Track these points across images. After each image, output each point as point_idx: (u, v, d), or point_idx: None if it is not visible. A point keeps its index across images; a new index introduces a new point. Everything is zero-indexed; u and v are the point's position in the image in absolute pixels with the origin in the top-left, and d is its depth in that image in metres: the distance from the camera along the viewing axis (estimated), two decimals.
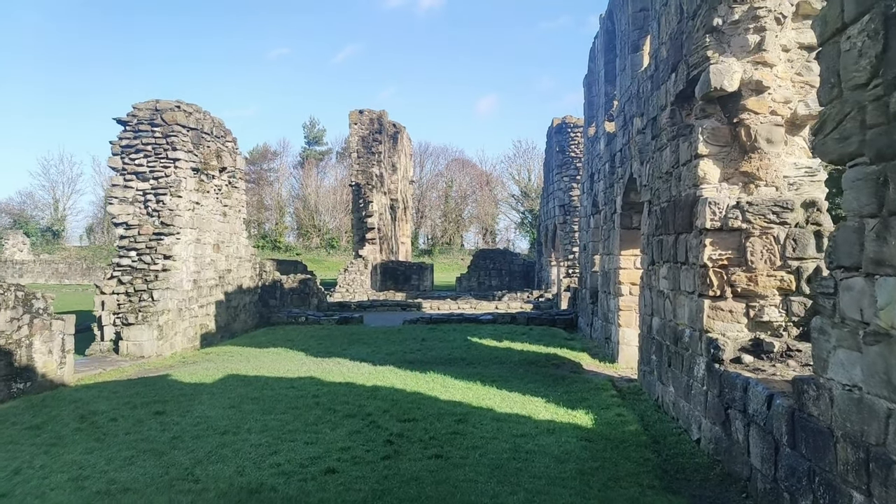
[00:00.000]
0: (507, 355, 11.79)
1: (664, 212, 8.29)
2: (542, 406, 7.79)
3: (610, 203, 12.61)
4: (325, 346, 13.37)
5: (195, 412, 7.38)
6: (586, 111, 16.54)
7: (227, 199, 16.36)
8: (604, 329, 13.03)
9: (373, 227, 35.41)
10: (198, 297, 14.52)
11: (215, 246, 15.63)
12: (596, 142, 14.74)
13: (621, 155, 11.53)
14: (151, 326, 12.52)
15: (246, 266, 17.54)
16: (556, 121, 25.37)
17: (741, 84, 6.50)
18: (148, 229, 13.38)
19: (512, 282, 35.73)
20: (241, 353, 12.63)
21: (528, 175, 69.08)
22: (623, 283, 11.52)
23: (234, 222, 16.79)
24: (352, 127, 37.02)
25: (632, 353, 11.41)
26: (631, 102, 10.51)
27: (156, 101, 14.15)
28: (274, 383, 9.16)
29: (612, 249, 12.33)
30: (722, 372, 6.07)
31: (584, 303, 16.21)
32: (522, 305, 23.88)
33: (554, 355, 11.85)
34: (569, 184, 24.38)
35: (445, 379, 9.36)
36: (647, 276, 9.17)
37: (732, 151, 6.77)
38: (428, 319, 17.91)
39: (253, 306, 17.93)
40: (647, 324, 9.20)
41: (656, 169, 8.81)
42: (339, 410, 7.49)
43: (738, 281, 6.41)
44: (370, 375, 9.74)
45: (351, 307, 23.61)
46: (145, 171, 13.69)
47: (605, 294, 12.94)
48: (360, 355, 12.08)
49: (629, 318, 11.45)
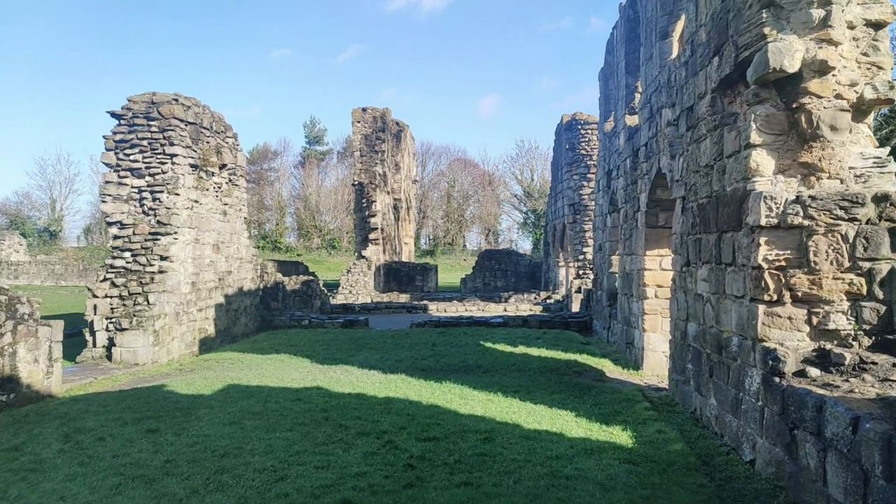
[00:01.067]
0: (525, 362, 11.10)
1: (703, 209, 7.61)
2: (573, 421, 7.10)
3: (632, 201, 11.92)
4: (331, 353, 12.68)
5: (192, 430, 6.69)
6: (602, 106, 15.86)
7: (227, 198, 15.67)
8: (625, 334, 12.34)
9: (376, 227, 34.73)
10: (196, 300, 13.83)
11: (215, 246, 14.94)
12: (614, 137, 14.05)
13: (646, 150, 10.85)
14: (147, 332, 11.83)
15: (247, 267, 16.85)
16: (566, 117, 24.66)
17: (802, 64, 5.81)
18: (143, 229, 12.69)
19: (518, 283, 35.04)
20: (242, 360, 11.95)
21: (530, 175, 68.49)
22: (648, 285, 10.84)
23: (235, 222, 16.11)
24: (355, 125, 36.34)
25: (658, 359, 10.73)
26: (659, 93, 9.83)
27: (152, 93, 13.46)
28: (278, 395, 8.48)
29: (634, 249, 11.64)
30: (785, 387, 5.38)
31: (601, 305, 15.53)
32: (531, 307, 23.19)
33: (574, 362, 11.16)
34: (579, 182, 23.69)
35: (463, 389, 8.67)
36: (681, 279, 8.49)
37: (789, 140, 6.08)
38: (436, 323, 17.22)
39: (254, 309, 17.24)
40: (680, 329, 8.51)
41: (692, 162, 8.13)
42: (352, 427, 6.80)
43: (798, 284, 5.72)
44: (382, 385, 9.06)
45: (355, 309, 22.93)
46: (141, 167, 13.00)
47: (626, 297, 12.25)
48: (369, 362, 11.40)
49: (654, 322, 10.77)
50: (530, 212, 65.42)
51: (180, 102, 13.50)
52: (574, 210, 24.01)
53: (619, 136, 13.43)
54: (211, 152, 14.61)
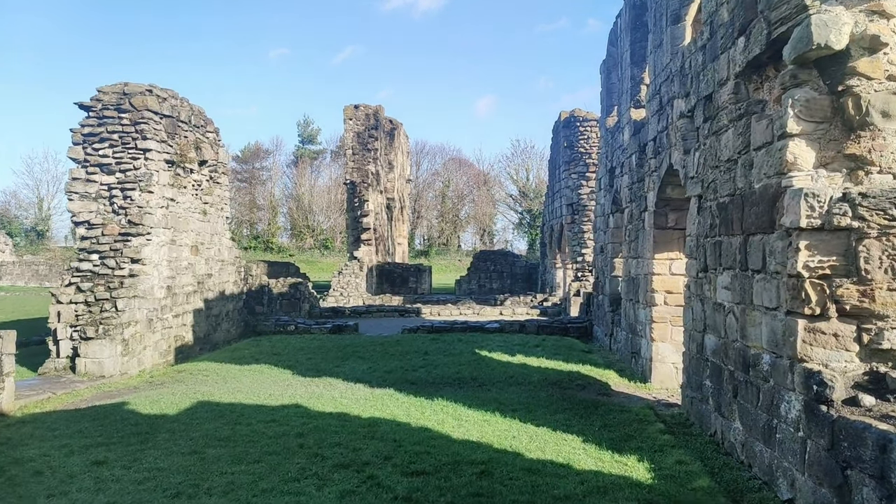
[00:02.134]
0: (524, 374, 10.28)
1: (724, 208, 6.80)
2: (581, 448, 6.28)
3: (638, 200, 11.12)
4: (316, 362, 11.82)
5: (145, 461, 5.83)
6: (604, 100, 15.06)
7: (207, 196, 14.78)
8: (630, 342, 11.54)
9: (368, 227, 33.83)
10: (172, 305, 12.94)
11: (193, 248, 14.05)
12: (618, 132, 13.25)
13: (655, 144, 10.05)
14: (114, 341, 10.93)
15: (229, 270, 15.96)
16: (564, 114, 23.86)
17: (850, 40, 5.01)
18: (113, 229, 11.79)
19: (514, 285, 34.24)
20: (218, 372, 11.07)
21: (526, 174, 67.71)
22: (656, 291, 10.03)
23: (216, 222, 15.21)
24: (346, 122, 35.43)
25: (667, 371, 9.93)
26: (670, 82, 9.02)
27: (124, 83, 12.56)
28: (252, 414, 7.61)
29: (641, 252, 10.84)
30: (835, 418, 4.57)
31: (602, 310, 14.73)
32: (528, 311, 22.38)
33: (577, 373, 10.34)
34: (577, 181, 22.89)
35: (457, 408, 7.83)
36: (697, 285, 7.68)
37: (832, 129, 5.27)
38: (429, 328, 16.38)
39: (237, 314, 16.35)
40: (696, 341, 7.71)
41: (710, 157, 7.32)
42: (329, 457, 5.95)
43: (845, 296, 4.92)
44: (367, 403, 8.21)
45: (345, 313, 22.05)
46: (111, 162, 12.10)
47: (632, 302, 11.45)
48: (356, 374, 10.55)
49: (664, 331, 9.96)
50: (526, 212, 64.66)
51: (155, 94, 12.61)
52: (572, 210, 23.22)
53: (623, 132, 12.62)
54: (189, 148, 13.71)
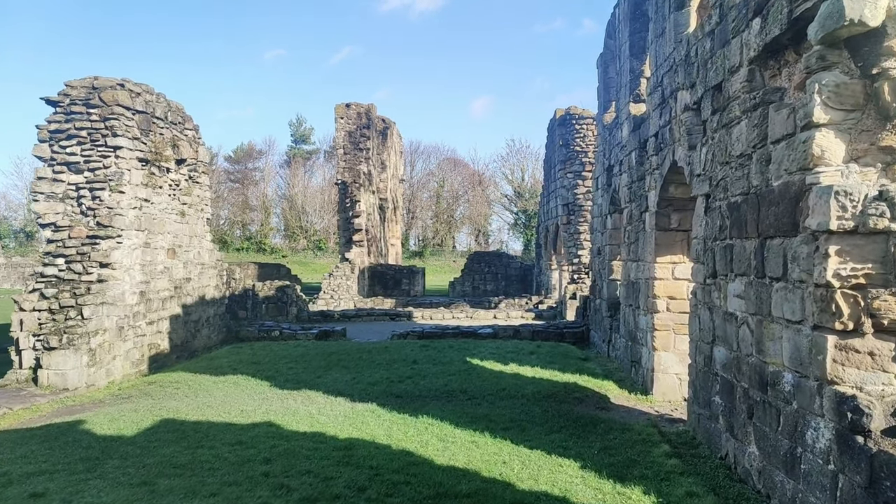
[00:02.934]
0: (517, 386, 9.62)
1: (736, 208, 6.17)
2: (579, 476, 5.63)
3: (638, 199, 10.49)
4: (297, 373, 11.13)
5: (86, 495, 5.14)
6: (601, 95, 14.43)
7: (186, 197, 14.08)
8: (629, 350, 10.91)
9: (360, 228, 33.14)
10: (146, 311, 12.23)
11: (170, 251, 13.35)
12: (616, 129, 12.62)
13: (657, 140, 9.41)
14: (79, 351, 10.22)
15: (210, 273, 15.25)
16: (560, 112, 23.23)
17: (887, 16, 4.38)
18: (80, 231, 11.09)
19: (508, 286, 33.61)
20: (190, 384, 10.37)
21: (521, 174, 67.17)
22: (658, 296, 9.39)
23: (196, 223, 14.51)
24: (338, 121, 34.71)
25: (670, 383, 9.29)
26: (674, 73, 8.39)
27: (94, 77, 11.85)
28: (218, 435, 6.93)
29: (641, 255, 10.21)
30: (874, 452, 3.94)
31: (600, 315, 14.10)
32: (523, 314, 21.74)
33: (574, 385, 9.69)
34: (573, 180, 22.26)
35: (444, 427, 7.17)
36: (705, 292, 7.05)
37: (865, 118, 4.64)
38: (420, 333, 15.72)
39: (218, 319, 15.64)
40: (704, 353, 7.07)
41: (720, 152, 6.69)
42: (296, 489, 5.28)
43: (883, 309, 4.29)
44: (346, 421, 7.53)
45: (334, 317, 21.36)
46: (79, 160, 11.40)
47: (632, 308, 10.81)
48: (338, 386, 9.87)
49: (666, 339, 9.33)
50: (521, 212, 64.07)
51: (127, 88, 11.91)
52: (568, 210, 22.59)
53: (621, 128, 11.99)
54: (165, 145, 13.01)
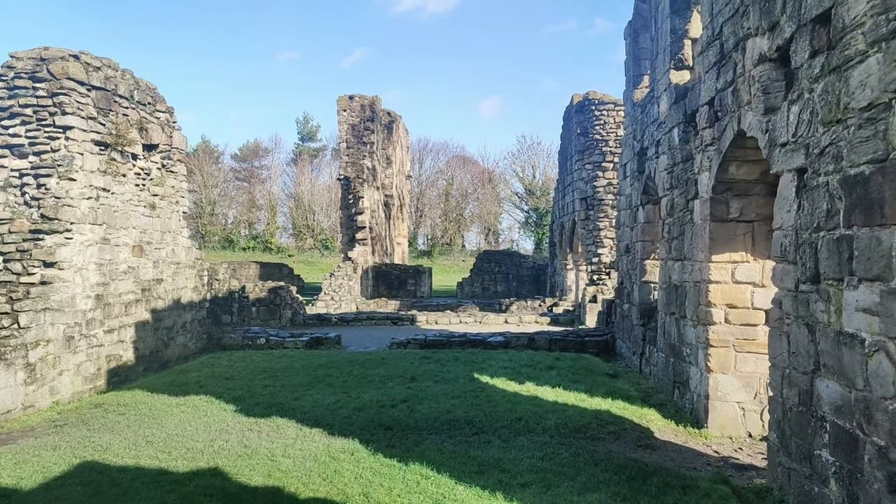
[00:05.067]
0: (537, 414, 7.81)
1: (861, 183, 4.33)
2: None
3: (683, 185, 8.64)
4: (273, 391, 9.39)
5: None
6: (630, 69, 12.57)
7: (157, 188, 12.40)
8: (671, 367, 9.06)
9: (364, 225, 31.45)
10: (104, 318, 10.55)
11: (136, 248, 11.67)
12: (651, 105, 10.77)
13: (711, 109, 7.56)
14: (13, 367, 8.54)
15: (187, 274, 13.57)
16: (577, 98, 21.33)
17: None
18: (21, 225, 9.42)
19: (520, 287, 31.76)
20: (142, 407, 8.65)
21: (532, 172, 65.26)
22: (714, 304, 7.54)
23: (169, 217, 12.83)
24: (340, 114, 33.03)
25: (730, 414, 7.44)
26: (741, 16, 6.54)
27: (44, 48, 10.19)
28: (141, 490, 5.20)
29: (689, 253, 8.36)
30: None
31: (629, 323, 12.25)
32: (537, 319, 19.90)
33: (607, 414, 7.87)
34: (592, 172, 20.38)
35: (441, 482, 5.37)
36: (799, 303, 5.21)
37: None
38: (422, 342, 13.95)
39: (197, 325, 13.96)
40: (798, 387, 5.23)
41: (826, 108, 4.84)
42: None
43: None
44: (315, 468, 5.77)
45: (331, 321, 19.64)
46: (23, 143, 9.74)
47: (675, 317, 8.97)
48: (317, 411, 8.12)
49: (725, 358, 7.48)
50: (532, 210, 62.18)
51: (82, 61, 10.24)
52: (586, 205, 20.71)
53: (658, 103, 10.15)
54: (129, 128, 11.33)
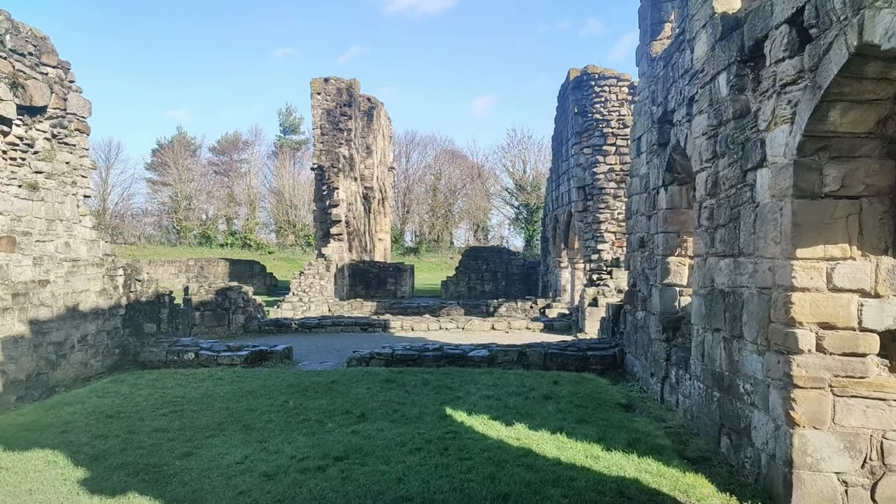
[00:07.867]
0: (531, 488, 5.19)
1: None
2: None
3: (739, 149, 6.05)
4: (159, 440, 6.70)
5: None
6: (647, 18, 9.97)
7: (43, 163, 9.66)
8: (717, 406, 6.49)
9: (339, 219, 28.75)
10: None
11: (7, 240, 8.94)
12: (679, 54, 8.18)
13: (793, 29, 4.97)
14: None
15: (90, 273, 10.83)
16: (575, 73, 18.71)
17: None
18: None
19: (509, 287, 29.20)
20: None
21: (523, 166, 62.80)
22: (800, 322, 4.96)
23: (61, 202, 10.09)
24: (314, 97, 30.27)
25: (827, 490, 4.85)
26: None
27: None
28: None
29: (747, 246, 5.78)
30: None
31: (644, 335, 9.69)
32: (528, 324, 17.31)
33: (635, 485, 5.27)
34: (591, 157, 17.80)
35: None
36: None
37: None
38: (388, 357, 11.33)
39: (106, 337, 11.22)
40: None
41: None
42: None
43: None
44: None
45: (291, 328, 16.93)
46: None
47: (723, 337, 6.40)
48: (205, 481, 5.45)
49: (819, 406, 4.90)
50: (522, 206, 59.73)
51: None
52: (585, 195, 18.14)
53: (692, 46, 7.56)
54: None
